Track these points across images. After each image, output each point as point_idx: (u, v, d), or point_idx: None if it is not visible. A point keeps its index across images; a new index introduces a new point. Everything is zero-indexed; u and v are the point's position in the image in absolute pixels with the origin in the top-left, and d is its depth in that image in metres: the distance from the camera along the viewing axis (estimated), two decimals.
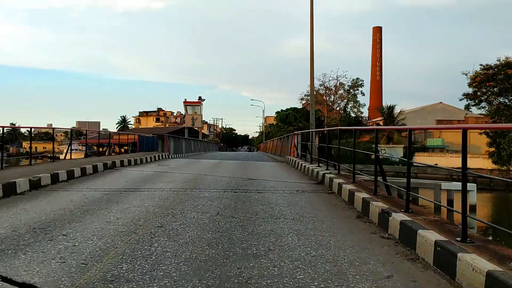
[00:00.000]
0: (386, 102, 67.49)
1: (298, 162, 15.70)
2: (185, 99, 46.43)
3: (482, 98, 52.19)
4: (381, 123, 69.76)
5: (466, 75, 51.41)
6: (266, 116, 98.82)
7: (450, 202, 18.04)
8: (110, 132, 39.08)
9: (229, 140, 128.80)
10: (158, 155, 21.69)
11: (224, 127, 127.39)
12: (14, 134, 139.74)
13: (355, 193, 7.50)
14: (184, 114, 49.97)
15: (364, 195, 7.21)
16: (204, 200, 7.97)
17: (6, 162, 12.67)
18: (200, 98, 46.89)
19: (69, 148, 18.32)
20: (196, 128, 47.26)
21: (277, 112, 70.86)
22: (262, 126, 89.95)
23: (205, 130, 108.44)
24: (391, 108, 61.24)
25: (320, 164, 13.46)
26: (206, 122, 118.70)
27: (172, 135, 28.00)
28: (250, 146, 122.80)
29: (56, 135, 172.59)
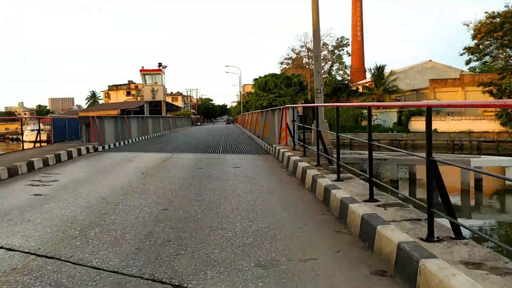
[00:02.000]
0: (369, 63, 60.03)
1: (314, 178, 7.24)
2: (142, 67, 37.41)
3: (486, 51, 44.97)
4: (368, 85, 62.34)
5: (468, 25, 43.80)
6: (244, 84, 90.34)
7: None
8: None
9: (207, 112, 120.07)
10: (77, 150, 13.65)
11: (200, 97, 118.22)
12: None
13: None
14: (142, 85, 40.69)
15: None
16: None
17: None
18: (160, 64, 37.78)
19: None
20: (161, 101, 38.45)
21: (255, 79, 62.57)
22: (239, 95, 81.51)
23: (179, 102, 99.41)
24: (380, 69, 53.57)
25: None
26: (181, 94, 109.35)
27: (108, 116, 19.75)
28: (229, 116, 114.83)
29: (20, 114, 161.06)
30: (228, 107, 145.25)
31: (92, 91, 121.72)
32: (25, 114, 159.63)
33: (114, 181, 8.45)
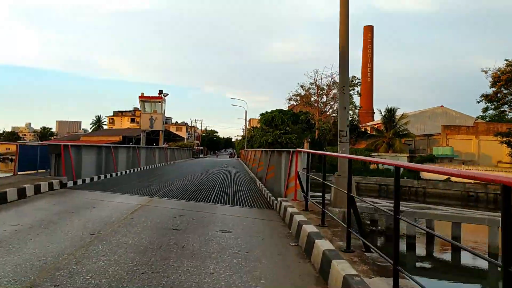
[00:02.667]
0: (377, 104, 57.71)
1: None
2: (142, 93, 34.63)
3: (505, 100, 42.54)
4: (377, 127, 59.86)
5: (486, 72, 41.63)
6: (250, 118, 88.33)
7: None
8: None
9: (211, 143, 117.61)
10: (33, 186, 10.88)
11: (206, 129, 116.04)
12: None
13: None
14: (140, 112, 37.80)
15: None
16: None
17: None
18: (160, 92, 35.01)
19: None
20: (159, 131, 35.57)
21: (262, 114, 60.33)
22: (244, 129, 79.16)
23: (183, 133, 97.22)
24: (392, 111, 51.19)
25: None
26: (186, 123, 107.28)
27: (89, 145, 16.99)
28: (233, 149, 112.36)
29: (25, 135, 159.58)
30: (232, 140, 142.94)
31: (97, 116, 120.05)
32: (30, 135, 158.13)
33: (42, 247, 5.59)
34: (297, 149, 9.25)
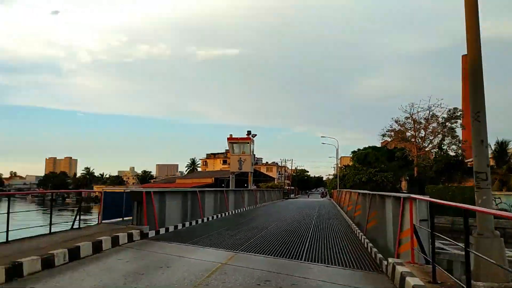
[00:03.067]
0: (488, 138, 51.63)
1: None
2: (230, 135, 34.12)
3: None
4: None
5: None
6: (341, 157, 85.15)
7: None
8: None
9: (301, 183, 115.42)
10: (111, 239, 10.02)
11: (296, 168, 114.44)
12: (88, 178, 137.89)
13: None
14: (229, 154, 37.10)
15: None
16: None
17: None
18: (249, 133, 34.39)
19: None
20: (248, 172, 34.66)
21: (353, 152, 57.40)
22: (336, 168, 76.14)
23: (273, 173, 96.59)
24: (503, 144, 45.41)
25: None
26: (276, 163, 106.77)
27: (173, 191, 16.17)
28: (324, 188, 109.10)
29: (128, 178, 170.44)
30: (324, 179, 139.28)
31: (192, 159, 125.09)
32: (132, 178, 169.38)
33: None
34: (411, 195, 7.19)
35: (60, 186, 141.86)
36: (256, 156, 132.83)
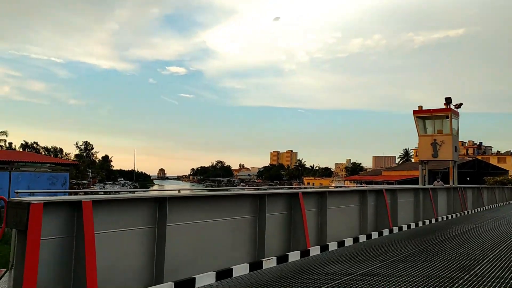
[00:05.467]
0: None
1: None
2: (419, 107, 22.28)
3: None
4: None
5: None
6: None
7: None
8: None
9: None
10: None
11: None
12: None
13: None
14: (418, 134, 24.53)
15: None
16: None
17: None
18: (448, 101, 21.57)
19: None
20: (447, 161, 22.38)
21: None
22: None
23: (508, 165, 74.99)
24: None
25: None
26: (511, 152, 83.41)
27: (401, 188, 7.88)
28: None
29: (341, 170, 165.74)
30: None
31: (405, 149, 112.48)
32: (341, 170, 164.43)
33: None
34: None
35: (275, 177, 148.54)
36: (483, 144, 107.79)
